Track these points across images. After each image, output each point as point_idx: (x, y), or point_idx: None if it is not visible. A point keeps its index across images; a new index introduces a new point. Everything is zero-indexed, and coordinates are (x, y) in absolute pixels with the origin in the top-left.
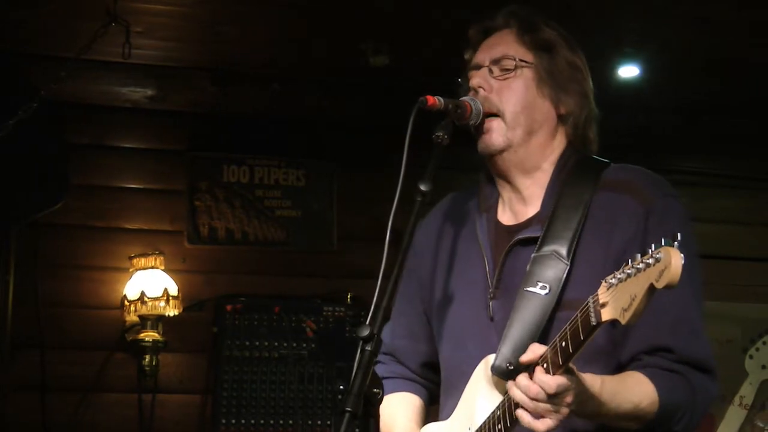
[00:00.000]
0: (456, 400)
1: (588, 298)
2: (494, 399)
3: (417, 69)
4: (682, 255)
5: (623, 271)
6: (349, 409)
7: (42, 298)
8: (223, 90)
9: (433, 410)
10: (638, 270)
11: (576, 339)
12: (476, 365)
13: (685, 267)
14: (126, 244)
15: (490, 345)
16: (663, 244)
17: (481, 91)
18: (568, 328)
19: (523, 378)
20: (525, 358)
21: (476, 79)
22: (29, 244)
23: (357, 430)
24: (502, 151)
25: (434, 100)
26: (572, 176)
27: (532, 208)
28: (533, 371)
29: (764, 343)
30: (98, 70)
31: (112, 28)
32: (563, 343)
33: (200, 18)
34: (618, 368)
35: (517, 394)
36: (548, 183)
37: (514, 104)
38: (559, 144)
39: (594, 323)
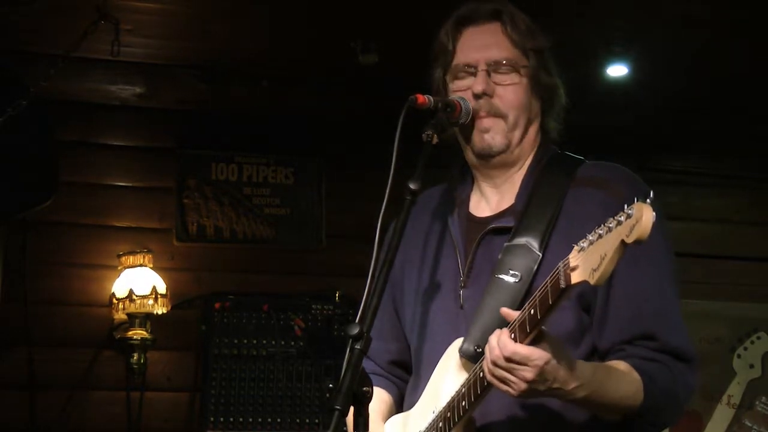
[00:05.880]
0: (423, 388)
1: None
2: (461, 380)
3: (406, 67)
4: (654, 213)
5: (595, 232)
6: (338, 407)
7: (30, 295)
8: (212, 87)
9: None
10: (609, 229)
11: (544, 304)
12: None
13: (661, 257)
14: (114, 242)
15: (459, 333)
16: (635, 202)
17: (485, 97)
18: (537, 294)
19: (493, 337)
20: (505, 310)
21: (479, 85)
22: (18, 241)
23: (345, 428)
24: (502, 151)
25: (424, 99)
26: (547, 172)
27: (506, 201)
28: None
29: (752, 342)
30: (87, 68)
31: (102, 26)
32: (532, 311)
33: (189, 15)
34: (590, 356)
35: (486, 350)
36: (523, 177)
37: (516, 108)
38: (536, 140)
39: (563, 286)
